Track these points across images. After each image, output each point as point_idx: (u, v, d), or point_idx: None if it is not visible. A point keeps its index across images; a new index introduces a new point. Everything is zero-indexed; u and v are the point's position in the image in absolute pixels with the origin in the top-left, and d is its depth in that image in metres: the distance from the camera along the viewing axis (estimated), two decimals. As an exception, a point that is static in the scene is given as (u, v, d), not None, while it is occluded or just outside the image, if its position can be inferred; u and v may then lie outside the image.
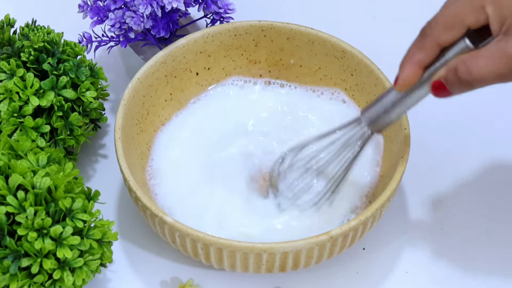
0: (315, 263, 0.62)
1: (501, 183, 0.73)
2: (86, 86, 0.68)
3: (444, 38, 0.54)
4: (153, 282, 0.67)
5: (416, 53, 0.56)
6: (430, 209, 0.72)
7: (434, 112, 0.78)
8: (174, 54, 0.71)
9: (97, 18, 0.72)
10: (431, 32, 0.55)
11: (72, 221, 0.57)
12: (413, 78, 0.56)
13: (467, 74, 0.53)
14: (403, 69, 0.56)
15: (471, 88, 0.54)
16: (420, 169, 0.74)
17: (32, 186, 0.57)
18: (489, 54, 0.53)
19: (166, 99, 0.73)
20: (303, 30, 0.72)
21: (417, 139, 0.72)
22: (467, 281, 0.67)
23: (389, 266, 0.68)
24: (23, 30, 0.70)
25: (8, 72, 0.66)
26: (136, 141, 0.69)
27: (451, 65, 0.54)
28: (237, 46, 0.74)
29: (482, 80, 0.53)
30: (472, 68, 0.53)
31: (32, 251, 0.56)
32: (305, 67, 0.75)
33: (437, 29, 0.54)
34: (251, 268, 0.61)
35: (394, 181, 0.62)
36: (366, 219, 0.60)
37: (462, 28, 0.54)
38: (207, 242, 0.58)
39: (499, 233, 0.70)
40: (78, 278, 0.58)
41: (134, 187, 0.61)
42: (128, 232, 0.70)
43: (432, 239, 0.70)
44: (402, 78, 0.57)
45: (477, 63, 0.53)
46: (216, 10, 0.75)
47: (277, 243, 0.58)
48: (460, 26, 0.54)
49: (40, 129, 0.66)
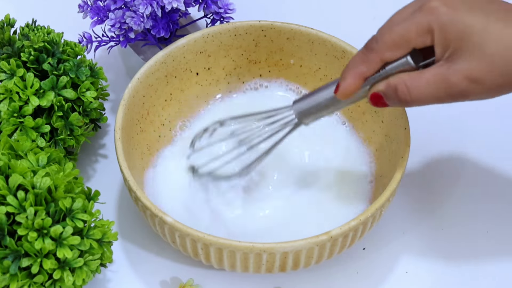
0: (315, 263, 0.62)
1: (501, 183, 0.73)
2: (86, 86, 0.68)
3: (389, 56, 0.56)
4: (153, 282, 0.67)
5: (359, 65, 0.57)
6: (430, 209, 0.72)
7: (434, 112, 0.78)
8: (174, 54, 0.71)
9: (97, 18, 0.72)
10: (377, 48, 0.56)
11: (72, 221, 0.57)
12: (354, 88, 0.58)
13: (407, 95, 0.55)
14: (345, 78, 0.58)
15: (407, 106, 0.56)
16: (420, 169, 0.74)
17: (32, 186, 0.57)
18: (430, 77, 0.54)
19: (166, 99, 0.73)
20: (303, 30, 0.73)
21: (417, 139, 0.72)
22: (467, 281, 0.67)
23: (389, 266, 0.68)
24: (23, 30, 0.70)
25: (8, 72, 0.66)
26: (136, 141, 0.69)
27: (392, 83, 0.56)
28: (237, 46, 0.74)
29: (420, 101, 0.55)
30: (412, 90, 0.55)
31: (32, 251, 0.56)
32: (305, 67, 0.75)
33: (383, 47, 0.56)
34: (251, 268, 0.61)
35: (394, 181, 0.62)
36: (366, 219, 0.60)
37: (408, 48, 0.55)
38: (207, 242, 0.58)
39: (499, 233, 0.70)
40: (78, 278, 0.58)
41: (134, 187, 0.61)
42: (128, 232, 0.70)
43: (432, 239, 0.70)
44: (343, 87, 0.58)
45: (417, 86, 0.54)
46: (216, 10, 0.75)
47: (277, 243, 0.58)
48: (406, 46, 0.55)
49: (40, 129, 0.66)
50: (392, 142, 0.68)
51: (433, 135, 0.77)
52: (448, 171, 0.74)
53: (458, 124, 0.78)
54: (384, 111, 0.69)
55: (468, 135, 0.77)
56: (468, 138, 0.77)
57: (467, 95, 0.53)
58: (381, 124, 0.70)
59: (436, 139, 0.76)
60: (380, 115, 0.70)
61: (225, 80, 0.76)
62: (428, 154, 0.75)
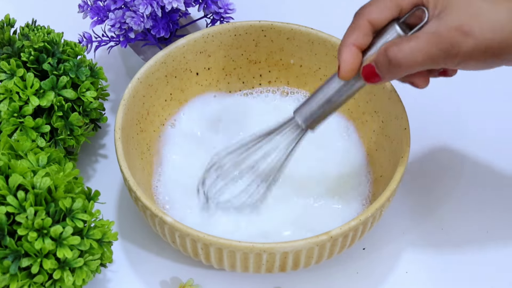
0: (315, 263, 0.62)
1: (501, 183, 0.73)
2: (86, 86, 0.68)
3: (376, 17, 0.55)
4: (153, 282, 0.67)
5: (350, 35, 0.56)
6: (430, 209, 0.72)
7: (434, 112, 0.78)
8: (174, 54, 0.71)
9: (97, 18, 0.72)
10: (363, 12, 0.55)
11: (72, 221, 0.57)
12: (354, 61, 0.56)
13: (397, 54, 0.53)
14: (341, 55, 0.56)
15: (400, 72, 0.54)
16: (420, 169, 0.74)
17: (32, 186, 0.57)
18: (420, 35, 0.53)
19: (166, 99, 0.73)
20: (303, 30, 0.73)
21: (417, 139, 0.72)
22: (467, 281, 0.67)
23: (389, 266, 0.68)
24: (23, 30, 0.70)
25: (8, 72, 0.66)
26: (136, 141, 0.69)
27: (382, 48, 0.55)
28: (237, 46, 0.74)
29: (412, 61, 0.53)
30: (403, 48, 0.53)
31: (32, 251, 0.56)
32: (305, 67, 0.75)
33: (369, 9, 0.55)
34: (251, 268, 0.61)
35: (394, 181, 0.62)
36: (366, 219, 0.60)
37: (395, 9, 0.54)
38: (207, 242, 0.58)
39: (499, 233, 0.70)
40: (78, 278, 0.58)
41: (134, 187, 0.61)
42: (128, 232, 0.70)
43: (432, 239, 0.70)
44: (342, 63, 0.56)
45: (408, 44, 0.53)
46: (216, 10, 0.75)
47: (277, 243, 0.58)
48: (394, 7, 0.54)
49: (40, 129, 0.66)
50: (392, 142, 0.68)
51: (433, 135, 0.77)
52: (448, 171, 0.74)
53: (458, 124, 0.78)
54: (384, 111, 0.69)
55: (468, 135, 0.77)
56: (468, 138, 0.77)
57: (458, 48, 0.52)
58: (381, 124, 0.70)
59: (436, 139, 0.76)
60: (380, 115, 0.70)
61: (225, 80, 0.76)
62: (428, 154, 0.75)
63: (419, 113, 0.74)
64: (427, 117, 0.77)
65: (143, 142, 0.70)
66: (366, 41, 0.56)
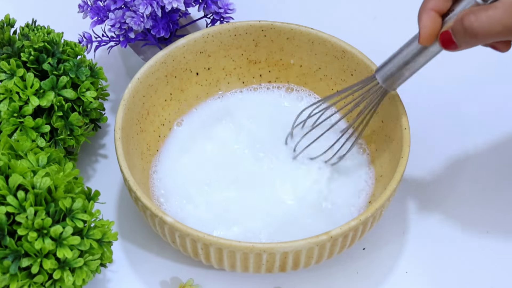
0: (315, 263, 0.62)
1: (501, 183, 0.73)
2: (86, 86, 0.68)
3: None
4: (153, 282, 0.67)
5: (430, 1, 0.56)
6: (430, 209, 0.72)
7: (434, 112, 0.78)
8: (174, 54, 0.71)
9: (97, 18, 0.72)
10: None
11: (72, 221, 0.57)
12: (433, 26, 0.56)
13: (473, 23, 0.52)
14: (421, 20, 0.56)
15: (476, 41, 0.53)
16: (420, 169, 0.74)
17: (32, 186, 0.57)
18: (499, 4, 0.52)
19: (166, 99, 0.73)
20: (303, 30, 0.72)
21: (417, 139, 0.72)
22: (467, 281, 0.67)
23: (389, 266, 0.68)
24: (23, 30, 0.70)
25: (8, 72, 0.66)
26: (136, 141, 0.69)
27: (459, 15, 0.54)
28: (237, 46, 0.74)
29: (489, 31, 0.52)
30: (480, 17, 0.52)
31: (32, 251, 0.56)
32: (305, 67, 0.75)
33: None
34: (251, 268, 0.61)
35: (394, 181, 0.62)
36: (366, 219, 0.60)
37: None
38: (207, 242, 0.58)
39: (499, 233, 0.70)
40: (78, 278, 0.58)
41: (134, 187, 0.61)
42: (128, 232, 0.70)
43: (432, 239, 0.70)
44: (423, 30, 0.56)
45: (486, 13, 0.52)
46: (216, 10, 0.74)
47: (277, 243, 0.58)
48: None
49: (40, 129, 0.66)
50: (392, 142, 0.68)
51: (433, 135, 0.77)
52: (448, 171, 0.74)
53: (458, 124, 0.78)
54: (384, 111, 0.69)
55: (468, 135, 0.77)
56: (468, 138, 0.77)
57: None
58: (381, 124, 0.70)
59: (436, 139, 0.76)
60: (380, 115, 0.70)
61: (225, 80, 0.76)
62: (428, 154, 0.75)
63: (419, 113, 0.74)
64: (427, 117, 0.77)
65: (143, 142, 0.70)
66: (445, 6, 0.55)
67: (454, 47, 0.56)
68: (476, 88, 0.80)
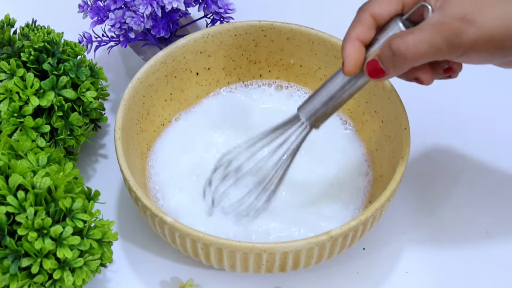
0: (315, 263, 0.62)
1: (501, 183, 0.73)
2: (86, 86, 0.68)
3: (379, 11, 0.55)
4: (153, 282, 0.67)
5: (353, 29, 0.56)
6: (430, 209, 0.72)
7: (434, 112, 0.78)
8: (174, 54, 0.71)
9: (97, 18, 0.72)
10: (367, 6, 0.55)
11: (72, 221, 0.57)
12: (358, 55, 0.55)
13: (400, 45, 0.53)
14: (345, 49, 0.56)
15: (404, 64, 0.53)
16: (420, 169, 0.74)
17: (32, 186, 0.57)
18: (423, 26, 0.53)
19: (166, 99, 0.73)
20: (303, 30, 0.73)
21: (417, 139, 0.72)
22: (467, 281, 0.67)
23: (389, 266, 0.68)
24: (23, 30, 0.70)
25: (8, 72, 0.66)
26: (136, 141, 0.69)
27: (385, 42, 0.54)
28: (237, 46, 0.74)
29: (416, 52, 0.52)
30: (407, 39, 0.52)
31: (32, 251, 0.56)
32: (305, 67, 0.75)
33: (373, 4, 0.55)
34: (251, 268, 0.61)
35: (394, 181, 0.62)
36: (366, 219, 0.60)
37: (399, 4, 0.54)
38: (207, 242, 0.58)
39: (499, 233, 0.70)
40: (78, 278, 0.58)
41: (134, 187, 0.61)
42: (128, 232, 0.70)
43: (432, 239, 0.70)
44: (348, 59, 0.56)
45: (412, 35, 0.53)
46: (216, 10, 0.75)
47: (277, 243, 0.58)
48: (397, 2, 0.54)
49: (40, 129, 0.66)
50: (392, 142, 0.68)
51: (433, 136, 0.77)
52: (448, 171, 0.74)
53: (458, 124, 0.78)
54: (384, 111, 0.69)
55: (468, 135, 0.77)
56: (468, 138, 0.77)
57: (461, 37, 0.52)
58: (381, 124, 0.70)
59: (436, 139, 0.76)
60: (380, 115, 0.70)
61: (225, 80, 0.76)
62: (428, 154, 0.75)
63: (419, 113, 0.73)
64: (427, 117, 0.77)
65: (143, 142, 0.70)
66: (369, 35, 0.56)
67: (382, 75, 0.55)
68: (476, 88, 0.80)
